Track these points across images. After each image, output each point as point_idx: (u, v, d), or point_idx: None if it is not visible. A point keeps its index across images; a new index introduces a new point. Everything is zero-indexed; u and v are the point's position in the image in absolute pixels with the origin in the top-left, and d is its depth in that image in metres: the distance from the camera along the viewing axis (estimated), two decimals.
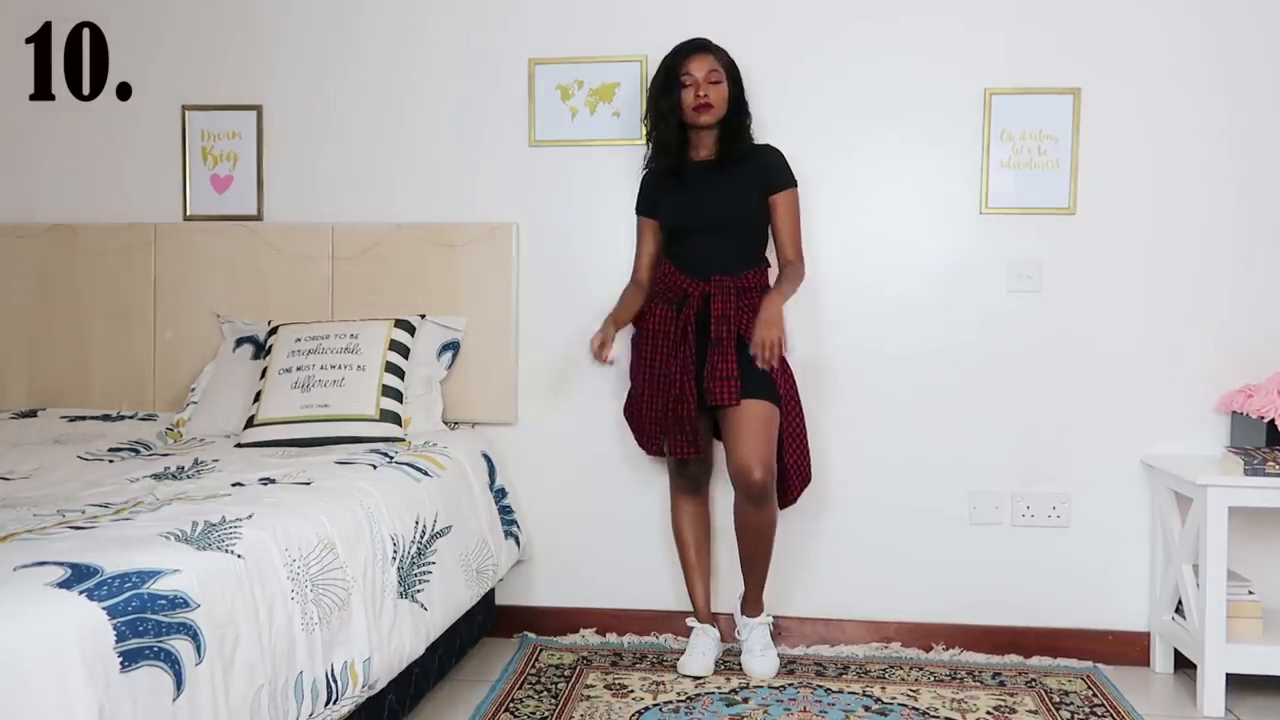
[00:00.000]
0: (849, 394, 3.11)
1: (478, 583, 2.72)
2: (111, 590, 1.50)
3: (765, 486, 2.72)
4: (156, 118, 3.34)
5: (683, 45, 2.86)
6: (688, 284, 2.84)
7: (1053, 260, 3.04)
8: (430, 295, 3.18)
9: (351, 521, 2.16)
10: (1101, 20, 3.00)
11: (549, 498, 3.22)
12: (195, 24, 3.31)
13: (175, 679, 1.53)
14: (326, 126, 3.27)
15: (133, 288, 3.30)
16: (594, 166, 3.17)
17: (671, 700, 2.68)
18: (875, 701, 2.69)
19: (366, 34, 3.24)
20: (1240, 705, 2.73)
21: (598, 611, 3.20)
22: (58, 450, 2.72)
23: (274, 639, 1.79)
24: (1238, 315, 2.99)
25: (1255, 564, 2.95)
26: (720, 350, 2.75)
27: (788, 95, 3.08)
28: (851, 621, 3.13)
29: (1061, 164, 3.02)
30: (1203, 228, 3.00)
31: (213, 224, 3.30)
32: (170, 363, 3.29)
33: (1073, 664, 3.00)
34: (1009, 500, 3.08)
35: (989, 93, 3.03)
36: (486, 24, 3.20)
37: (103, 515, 1.96)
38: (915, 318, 3.09)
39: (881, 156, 3.09)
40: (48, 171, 3.39)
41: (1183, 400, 3.01)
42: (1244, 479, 2.67)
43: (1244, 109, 2.97)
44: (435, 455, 2.73)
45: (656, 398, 2.84)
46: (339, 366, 2.92)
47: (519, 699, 2.70)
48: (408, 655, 2.27)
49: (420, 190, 3.24)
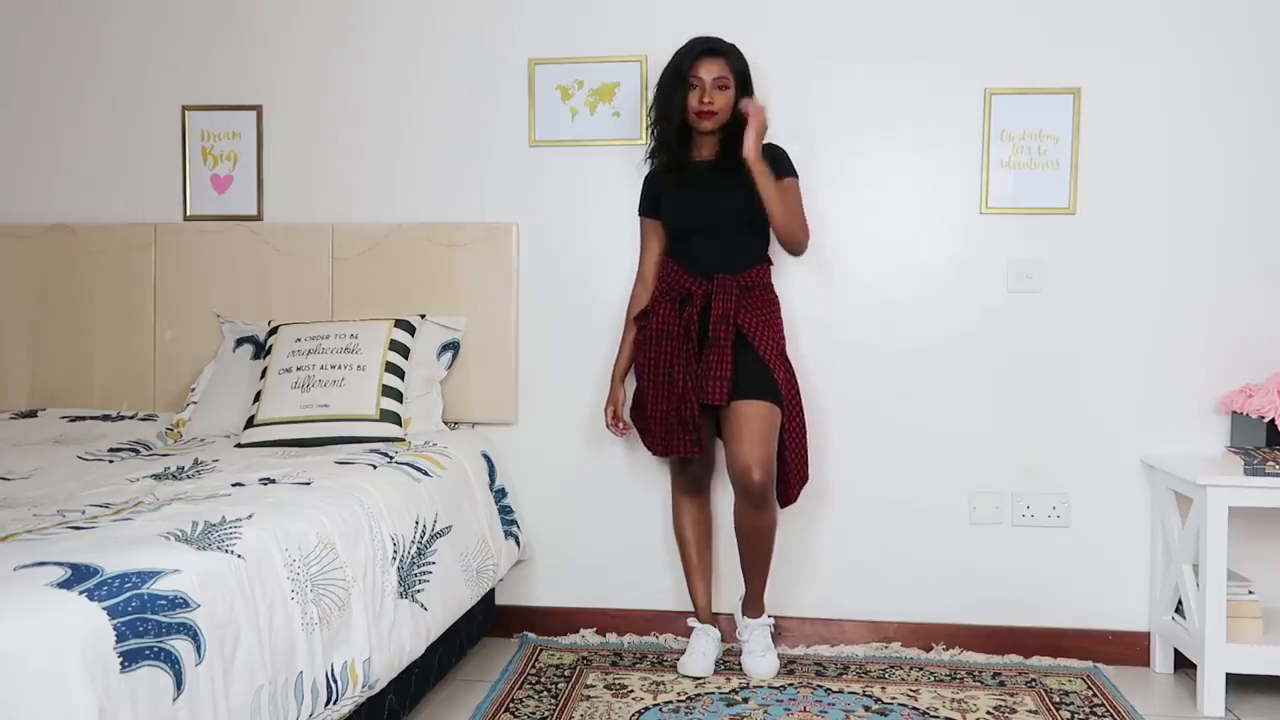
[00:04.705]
0: (849, 393, 3.11)
1: (478, 583, 2.72)
2: (111, 590, 1.50)
3: (765, 488, 2.72)
4: (156, 118, 3.34)
5: (697, 43, 2.82)
6: (691, 283, 2.83)
7: (1053, 260, 3.04)
8: (430, 295, 3.18)
9: (351, 521, 2.16)
10: (1102, 20, 3.01)
11: (549, 498, 3.22)
12: (195, 24, 3.31)
13: (175, 679, 1.53)
14: (326, 126, 3.27)
15: (133, 288, 3.30)
16: (594, 166, 3.17)
17: (671, 700, 2.68)
18: (875, 701, 2.69)
19: (367, 34, 3.24)
20: (1240, 705, 2.73)
21: (598, 611, 3.20)
22: (58, 450, 2.72)
23: (274, 639, 1.79)
24: (1238, 315, 2.99)
25: (1255, 564, 2.95)
26: (716, 349, 2.75)
27: (788, 95, 3.07)
28: (851, 621, 3.13)
29: (1061, 164, 3.02)
30: (1203, 227, 3.00)
31: (213, 224, 3.30)
32: (170, 363, 3.29)
33: (1073, 664, 3.00)
34: (1009, 500, 3.08)
35: (989, 93, 3.03)
36: (486, 24, 3.20)
37: (103, 515, 1.96)
38: (915, 317, 3.09)
39: (881, 156, 3.09)
40: (48, 171, 3.39)
41: (1183, 400, 3.01)
42: (1244, 479, 2.67)
43: (1244, 109, 2.97)
44: (435, 455, 2.73)
45: (661, 398, 2.83)
46: (339, 366, 2.92)
47: (519, 699, 2.70)
48: (408, 655, 2.27)
49: (420, 190, 3.24)
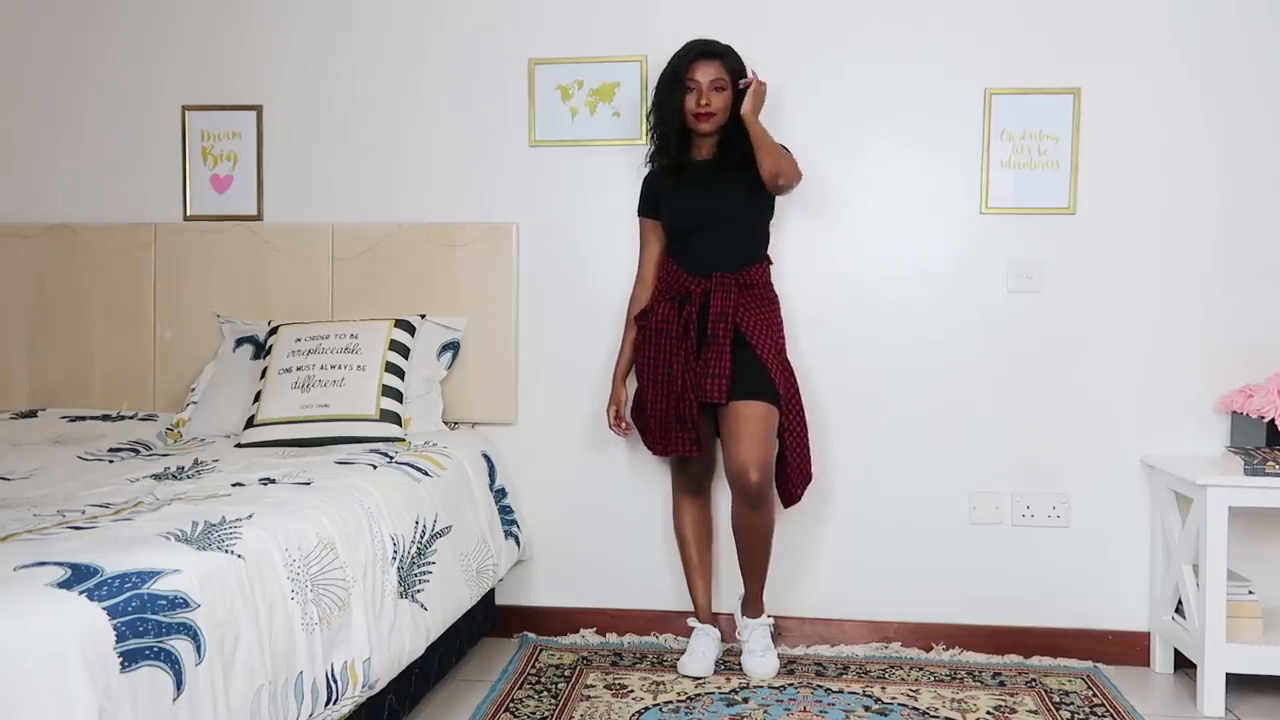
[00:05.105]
0: (849, 393, 3.11)
1: (478, 583, 2.72)
2: (112, 590, 1.50)
3: (762, 489, 2.72)
4: (157, 118, 3.34)
5: (693, 46, 2.83)
6: (690, 281, 2.83)
7: (1053, 260, 3.04)
8: (430, 295, 3.18)
9: (351, 521, 2.16)
10: (1101, 20, 3.00)
11: (549, 498, 3.22)
12: (196, 24, 3.31)
13: (175, 679, 1.53)
14: (326, 126, 3.27)
15: (133, 288, 3.30)
16: (594, 166, 3.17)
17: (671, 700, 2.68)
18: (875, 701, 2.69)
19: (367, 34, 3.24)
20: (1240, 705, 2.73)
21: (598, 611, 3.20)
22: (58, 450, 2.72)
23: (274, 639, 1.79)
24: (1238, 315, 2.99)
25: (1255, 564, 2.95)
26: (715, 347, 2.75)
27: (789, 96, 3.07)
28: (851, 621, 3.13)
29: (1061, 164, 3.02)
30: (1203, 227, 3.00)
31: (213, 224, 3.30)
32: (170, 363, 3.29)
33: (1073, 664, 3.00)
34: (1009, 500, 3.08)
35: (989, 93, 3.03)
36: (486, 24, 3.20)
37: (103, 515, 1.96)
38: (915, 317, 3.09)
39: (882, 156, 3.09)
40: (48, 171, 3.39)
41: (1183, 400, 3.01)
42: (1244, 479, 2.67)
43: (1243, 108, 2.97)
44: (435, 455, 2.73)
45: (660, 397, 2.83)
46: (339, 366, 2.92)
47: (519, 699, 2.70)
48: (408, 655, 2.27)
49: (420, 190, 3.24)
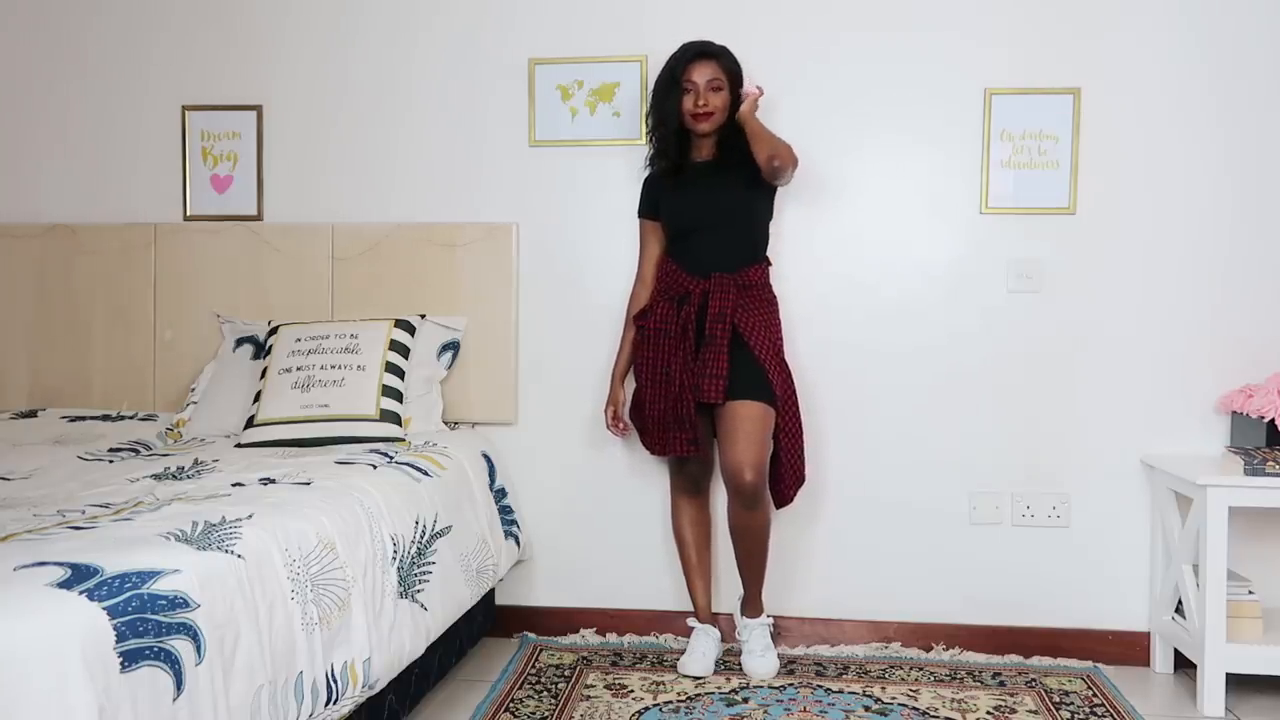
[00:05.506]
0: (849, 394, 3.11)
1: (478, 583, 2.72)
2: (111, 590, 1.50)
3: (756, 488, 2.72)
4: (156, 118, 3.34)
5: (689, 47, 2.84)
6: (689, 282, 2.83)
7: (1053, 260, 3.04)
8: (430, 295, 3.18)
9: (351, 521, 2.16)
10: (1101, 21, 3.00)
11: (549, 498, 3.22)
12: (196, 24, 3.31)
13: (175, 679, 1.53)
14: (326, 126, 3.27)
15: (133, 288, 3.30)
16: (594, 166, 3.17)
17: (671, 700, 2.68)
18: (875, 701, 2.69)
19: (366, 34, 3.24)
20: (1240, 705, 2.73)
21: (598, 611, 3.20)
22: (58, 450, 2.72)
23: (274, 639, 1.79)
24: (1238, 315, 2.99)
25: (1255, 564, 2.95)
26: (713, 348, 2.75)
27: (788, 96, 3.07)
28: (851, 621, 3.13)
29: (1061, 164, 3.02)
30: (1203, 227, 3.00)
31: (213, 224, 3.30)
32: (170, 363, 3.29)
33: (1073, 664, 3.00)
34: (1009, 500, 3.08)
35: (989, 93, 3.03)
36: (486, 24, 3.20)
37: (103, 515, 1.96)
38: (915, 317, 3.09)
39: (882, 157, 3.09)
40: (48, 171, 3.39)
41: (1183, 400, 3.01)
42: (1244, 479, 2.67)
43: (1242, 109, 2.97)
44: (435, 455, 2.73)
45: (659, 397, 2.83)
46: (339, 366, 2.92)
47: (519, 699, 2.70)
48: (408, 655, 2.27)
49: (420, 190, 3.24)
